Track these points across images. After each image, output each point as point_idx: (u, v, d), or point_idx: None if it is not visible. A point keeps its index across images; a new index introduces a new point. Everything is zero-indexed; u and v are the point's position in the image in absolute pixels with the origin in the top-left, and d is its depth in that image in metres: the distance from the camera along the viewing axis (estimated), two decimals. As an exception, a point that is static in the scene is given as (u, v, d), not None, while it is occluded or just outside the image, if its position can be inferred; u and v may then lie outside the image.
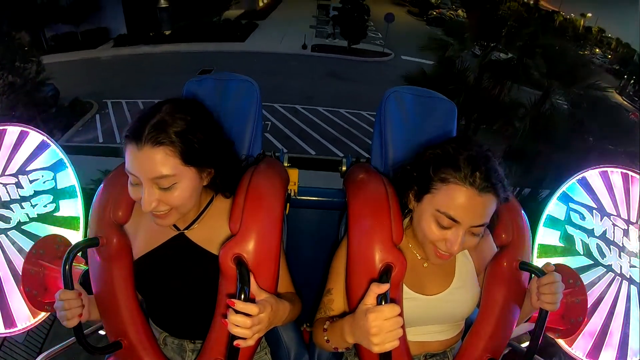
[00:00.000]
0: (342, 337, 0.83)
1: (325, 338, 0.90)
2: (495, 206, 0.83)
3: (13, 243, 1.17)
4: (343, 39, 18.14)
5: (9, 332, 1.15)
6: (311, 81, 14.55)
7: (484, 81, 6.94)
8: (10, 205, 1.17)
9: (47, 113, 9.34)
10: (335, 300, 0.96)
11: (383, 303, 0.81)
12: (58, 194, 1.21)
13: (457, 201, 0.80)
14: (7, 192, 1.17)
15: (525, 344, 1.13)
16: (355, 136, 10.59)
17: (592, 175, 1.25)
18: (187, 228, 0.93)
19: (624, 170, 1.22)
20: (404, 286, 0.94)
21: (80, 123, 10.63)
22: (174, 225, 0.93)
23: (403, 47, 17.37)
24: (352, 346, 0.97)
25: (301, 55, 17.71)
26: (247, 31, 20.29)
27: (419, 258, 0.97)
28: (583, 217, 1.24)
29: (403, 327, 0.76)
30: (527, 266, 0.94)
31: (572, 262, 1.23)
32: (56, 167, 1.21)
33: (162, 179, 0.78)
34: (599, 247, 1.21)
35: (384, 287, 0.74)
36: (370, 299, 0.75)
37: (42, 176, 1.20)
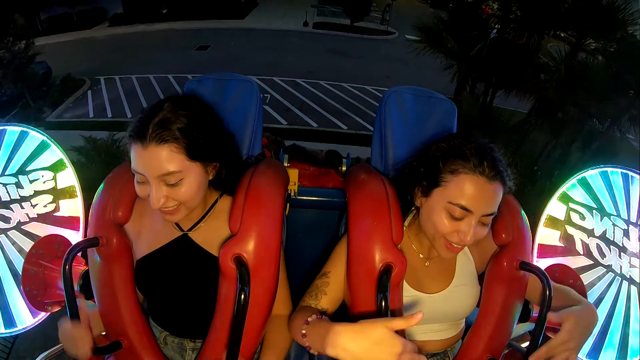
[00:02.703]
0: (322, 342, 0.72)
1: (303, 331, 0.81)
2: (502, 195, 0.85)
3: (13, 243, 1.17)
4: (347, 16, 17.70)
5: (9, 332, 1.15)
6: (313, 57, 14.28)
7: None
8: (10, 205, 1.17)
9: (37, 90, 9.23)
10: (331, 284, 0.94)
11: (383, 304, 0.81)
12: (58, 194, 1.21)
13: (468, 191, 0.82)
14: (7, 192, 1.17)
15: (525, 344, 1.13)
16: (359, 109, 10.28)
17: (592, 175, 1.25)
18: (191, 229, 0.94)
19: (624, 170, 1.22)
20: (406, 284, 0.94)
21: (71, 99, 10.53)
22: (178, 226, 0.94)
23: (407, 27, 17.01)
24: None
25: (303, 32, 17.44)
26: (247, 9, 19.98)
27: (421, 257, 0.98)
28: (583, 217, 1.24)
29: (403, 330, 0.75)
30: (527, 266, 0.94)
31: (572, 262, 1.23)
32: (56, 167, 1.21)
33: (168, 176, 0.79)
34: (599, 247, 1.21)
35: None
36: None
37: (42, 176, 1.20)
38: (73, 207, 1.22)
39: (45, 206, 1.20)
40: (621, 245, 1.19)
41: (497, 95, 6.54)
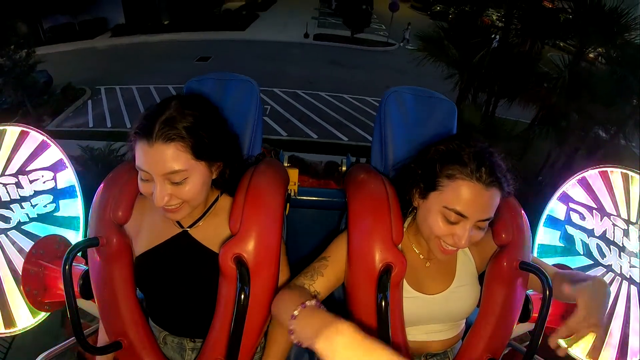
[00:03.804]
0: (314, 332, 0.64)
1: (295, 313, 0.72)
2: (499, 200, 0.85)
3: (13, 243, 1.16)
4: (347, 28, 17.84)
5: (9, 332, 1.15)
6: (313, 68, 14.23)
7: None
8: (10, 205, 1.17)
9: (37, 98, 9.22)
10: (329, 267, 0.93)
11: (383, 304, 0.81)
12: (58, 194, 1.21)
13: (464, 197, 0.82)
14: (7, 192, 1.17)
15: (525, 344, 1.13)
16: (360, 120, 10.26)
17: (592, 175, 1.25)
18: (191, 226, 0.94)
19: (624, 170, 1.22)
20: (407, 285, 0.94)
21: (71, 108, 10.51)
22: (178, 223, 0.94)
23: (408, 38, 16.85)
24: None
25: (303, 43, 17.55)
26: (248, 21, 20.23)
27: (421, 258, 0.98)
28: (583, 217, 1.24)
29: (402, 321, 0.73)
30: (527, 266, 0.94)
31: (572, 262, 1.23)
32: (56, 167, 1.21)
33: (173, 174, 0.80)
34: (599, 247, 1.21)
35: None
36: None
37: (42, 176, 1.20)
38: (73, 207, 1.22)
39: (45, 206, 1.20)
40: (621, 245, 1.19)
41: (499, 104, 6.46)
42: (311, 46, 17.36)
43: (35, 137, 1.20)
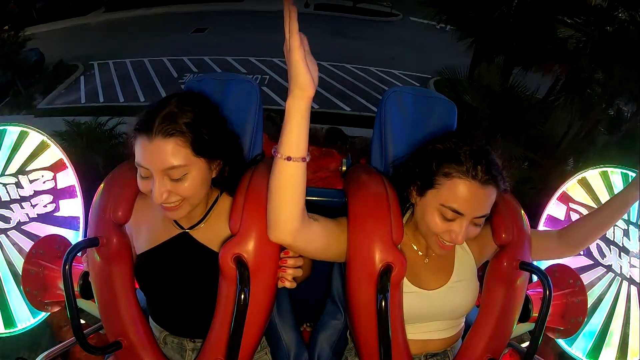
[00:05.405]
0: (292, 118, 0.71)
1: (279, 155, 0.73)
2: (495, 196, 0.86)
3: (13, 243, 1.17)
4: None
5: (9, 332, 1.15)
6: (315, 38, 13.47)
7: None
8: (10, 205, 1.17)
9: (29, 78, 9.17)
10: (329, 220, 0.92)
11: (383, 304, 0.81)
12: (58, 194, 1.21)
13: (461, 195, 0.83)
14: (7, 192, 1.17)
15: (525, 344, 1.13)
16: (363, 90, 9.99)
17: (592, 175, 1.25)
18: (191, 228, 0.94)
19: (624, 170, 1.22)
20: (406, 280, 0.94)
21: (63, 85, 10.41)
22: (178, 225, 0.94)
23: (411, 9, 15.61)
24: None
25: (304, 13, 16.87)
26: None
27: (420, 254, 0.98)
28: (583, 217, 1.24)
29: (402, 321, 0.74)
30: (527, 266, 0.94)
31: (572, 262, 1.23)
32: (56, 167, 1.21)
33: (173, 170, 0.79)
34: (599, 247, 1.22)
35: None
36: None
37: (42, 176, 1.20)
38: (73, 207, 1.22)
39: (45, 206, 1.20)
40: (621, 245, 1.19)
41: (513, 72, 6.14)
42: (312, 16, 16.80)
43: (35, 137, 1.20)
